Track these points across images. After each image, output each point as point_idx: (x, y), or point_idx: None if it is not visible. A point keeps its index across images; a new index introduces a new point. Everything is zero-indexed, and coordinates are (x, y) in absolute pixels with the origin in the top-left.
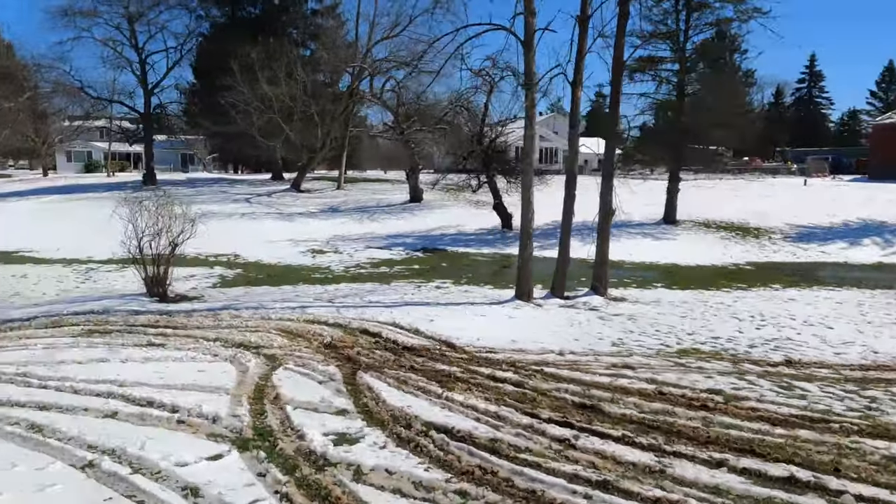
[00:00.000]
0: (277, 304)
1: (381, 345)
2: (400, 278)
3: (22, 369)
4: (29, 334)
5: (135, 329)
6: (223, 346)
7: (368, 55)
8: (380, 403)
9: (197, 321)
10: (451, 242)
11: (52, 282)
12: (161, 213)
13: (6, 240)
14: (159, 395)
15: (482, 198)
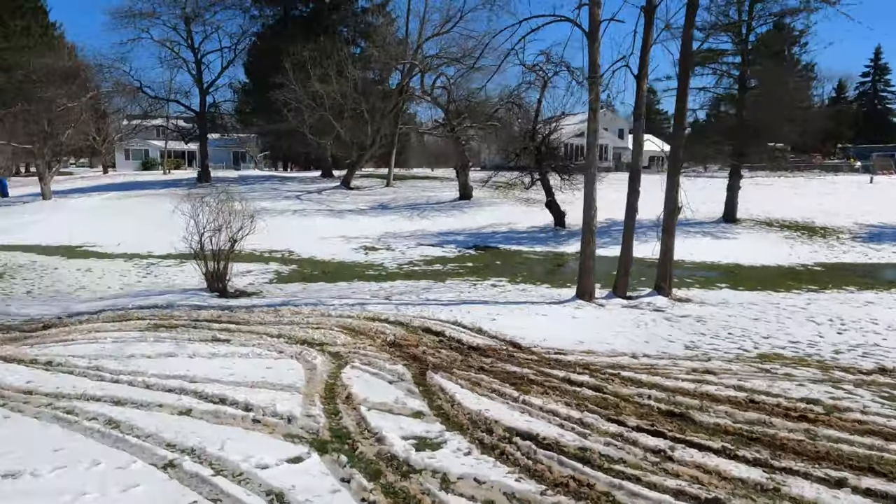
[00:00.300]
0: (335, 300)
1: (445, 344)
2: (454, 276)
3: (94, 363)
4: (97, 327)
5: (199, 324)
6: (287, 342)
7: (419, 52)
8: (455, 406)
9: (258, 317)
10: (503, 240)
11: (115, 276)
12: (221, 209)
13: (70, 235)
14: (231, 392)
15: (532, 195)
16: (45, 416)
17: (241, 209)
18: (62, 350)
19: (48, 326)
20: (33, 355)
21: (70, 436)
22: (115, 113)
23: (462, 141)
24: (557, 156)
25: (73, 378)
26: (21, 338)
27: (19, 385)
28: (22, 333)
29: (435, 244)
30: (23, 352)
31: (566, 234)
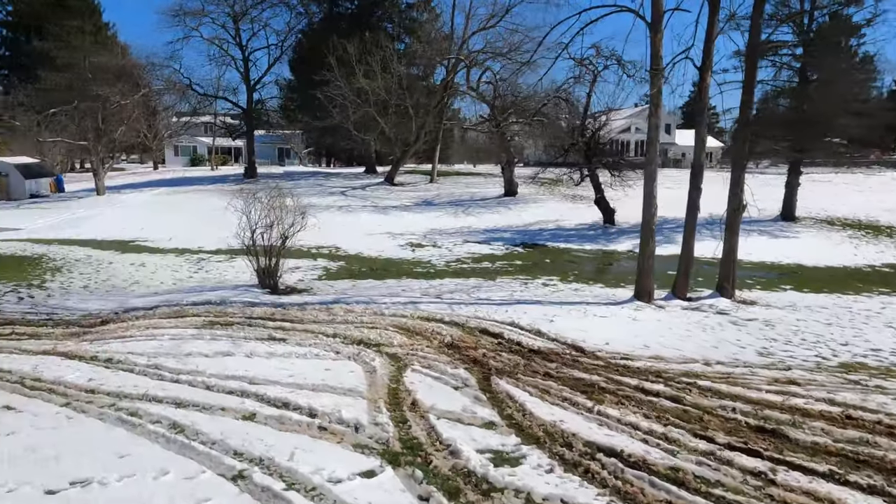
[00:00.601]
0: (387, 298)
1: (505, 346)
2: (504, 274)
3: (153, 360)
4: (154, 324)
5: (254, 322)
6: (343, 342)
7: (464, 47)
8: (527, 416)
9: (312, 315)
10: (550, 238)
11: (167, 271)
12: (273, 205)
13: (123, 230)
14: (294, 396)
15: (578, 192)
16: (109, 418)
17: (293, 205)
18: (121, 347)
19: (106, 322)
20: (93, 352)
21: (135, 440)
22: (164, 110)
23: (508, 137)
24: (608, 151)
25: (133, 377)
26: (80, 333)
27: (81, 383)
28: (81, 328)
29: (481, 241)
30: (83, 348)
31: (616, 231)
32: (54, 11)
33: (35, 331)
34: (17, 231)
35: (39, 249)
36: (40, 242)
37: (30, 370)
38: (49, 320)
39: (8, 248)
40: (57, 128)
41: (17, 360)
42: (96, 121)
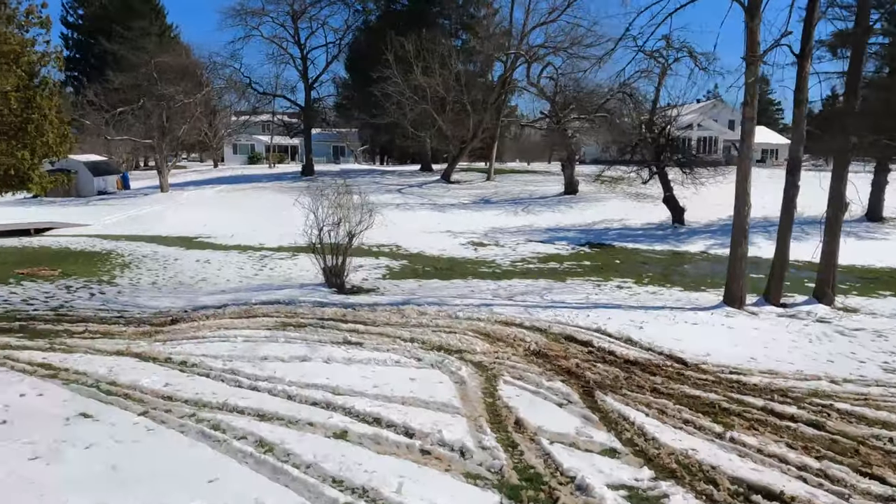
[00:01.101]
0: (457, 300)
1: (597, 356)
2: (573, 275)
3: (228, 365)
4: (225, 324)
5: (326, 324)
6: (422, 348)
7: (524, 41)
8: (650, 442)
9: (384, 317)
10: (617, 237)
11: (233, 268)
12: (340, 202)
13: (187, 226)
14: (385, 411)
15: (642, 190)
16: (191, 431)
17: (360, 203)
18: (194, 349)
19: (176, 320)
20: (167, 353)
21: (222, 460)
22: (224, 109)
23: (569, 133)
24: (678, 148)
25: (210, 382)
26: (152, 332)
27: (158, 388)
28: (152, 327)
29: (545, 241)
30: (156, 350)
31: (686, 231)
32: (122, 14)
33: (107, 329)
34: (86, 227)
35: (108, 245)
36: (108, 238)
37: (105, 373)
38: (120, 318)
39: (78, 243)
40: (124, 126)
41: (92, 361)
42: (161, 119)
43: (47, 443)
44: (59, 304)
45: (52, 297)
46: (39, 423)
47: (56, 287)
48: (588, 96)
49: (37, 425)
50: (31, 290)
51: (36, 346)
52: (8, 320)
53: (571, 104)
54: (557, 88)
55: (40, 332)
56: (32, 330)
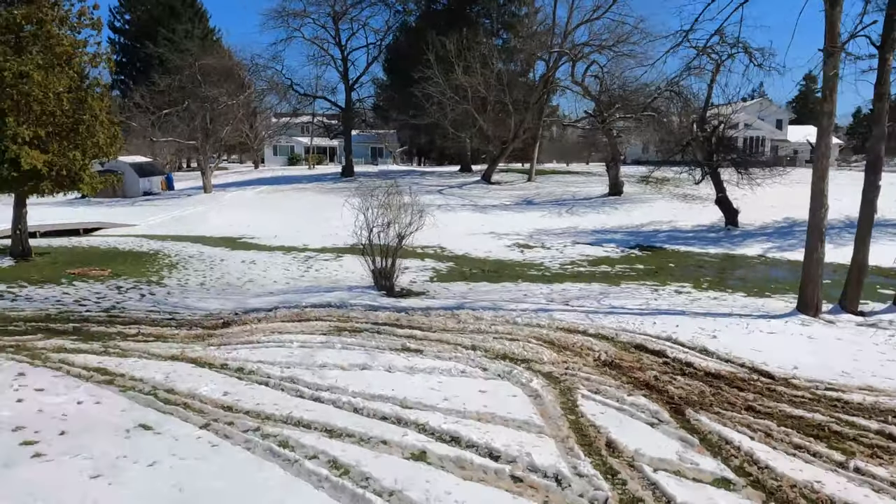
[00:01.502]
0: (512, 304)
1: (674, 368)
2: (628, 279)
3: (286, 372)
4: (278, 328)
5: (382, 329)
6: (486, 356)
7: (567, 39)
8: (765, 471)
9: (440, 322)
10: (667, 240)
11: (279, 269)
12: (390, 203)
13: (230, 227)
14: (462, 428)
15: (689, 191)
16: (258, 448)
17: (410, 203)
18: (250, 355)
19: (228, 323)
20: (223, 359)
21: (295, 484)
22: (265, 111)
23: (614, 133)
24: (733, 147)
25: (269, 392)
26: (205, 335)
27: (217, 398)
28: (205, 330)
29: (592, 243)
30: (212, 355)
31: (740, 234)
32: (166, 18)
33: (160, 332)
34: (133, 227)
35: (155, 245)
36: (155, 238)
37: (162, 379)
38: (172, 320)
39: (126, 243)
40: (168, 128)
41: (148, 366)
42: (205, 121)
43: (108, 458)
44: (110, 305)
45: (103, 297)
46: (99, 436)
47: (107, 287)
48: (634, 95)
49: (96, 438)
50: (83, 291)
51: (90, 350)
52: (62, 321)
53: (617, 103)
54: (603, 87)
55: (94, 335)
56: (86, 332)
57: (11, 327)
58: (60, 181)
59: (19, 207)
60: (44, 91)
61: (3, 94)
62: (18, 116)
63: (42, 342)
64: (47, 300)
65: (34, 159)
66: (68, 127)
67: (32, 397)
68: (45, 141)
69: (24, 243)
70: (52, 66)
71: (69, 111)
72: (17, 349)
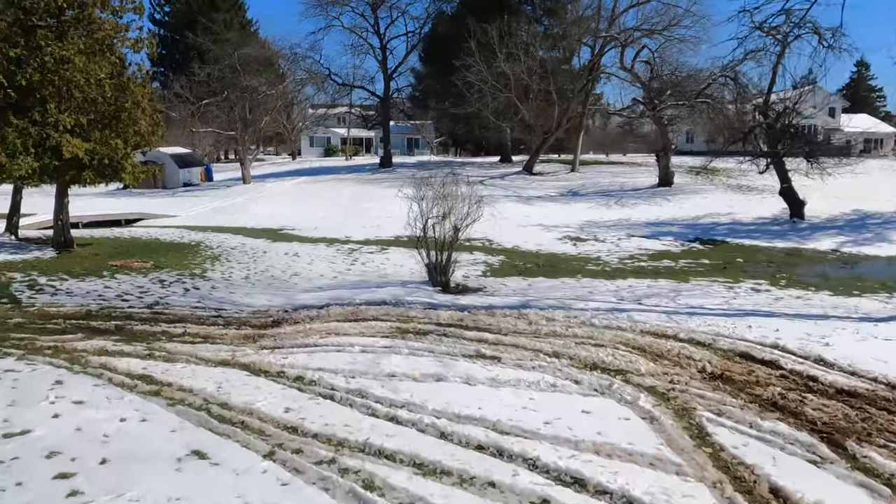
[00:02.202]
0: (579, 302)
1: (796, 383)
2: (696, 275)
3: (352, 383)
4: (333, 328)
5: (448, 331)
6: (573, 365)
7: (616, 23)
8: None
9: (508, 323)
10: (728, 233)
11: (324, 262)
12: (446, 193)
13: (271, 218)
14: (582, 465)
15: (744, 181)
16: (338, 490)
17: (468, 193)
18: (308, 360)
19: (278, 322)
20: (278, 366)
21: None
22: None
23: (665, 121)
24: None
25: (337, 408)
26: (255, 336)
27: (278, 415)
28: (254, 330)
29: (648, 235)
30: (266, 360)
31: (807, 226)
32: (205, 8)
33: (207, 331)
34: (173, 218)
35: (196, 237)
36: (195, 230)
37: (213, 390)
38: (218, 317)
39: (167, 234)
40: (208, 118)
41: (197, 373)
42: (244, 110)
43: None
44: (153, 301)
45: (146, 291)
46: (147, 467)
47: (150, 281)
48: (687, 81)
49: (144, 470)
50: (125, 284)
51: (134, 353)
52: (104, 318)
53: (668, 89)
54: (653, 73)
55: (137, 335)
56: (129, 331)
57: (51, 325)
58: (102, 170)
59: (61, 197)
60: (85, 77)
61: (44, 80)
62: (60, 103)
63: (83, 343)
64: (88, 295)
65: (76, 147)
66: (110, 114)
67: (70, 412)
68: (87, 129)
69: (66, 234)
70: (94, 52)
71: (111, 98)
72: (55, 351)
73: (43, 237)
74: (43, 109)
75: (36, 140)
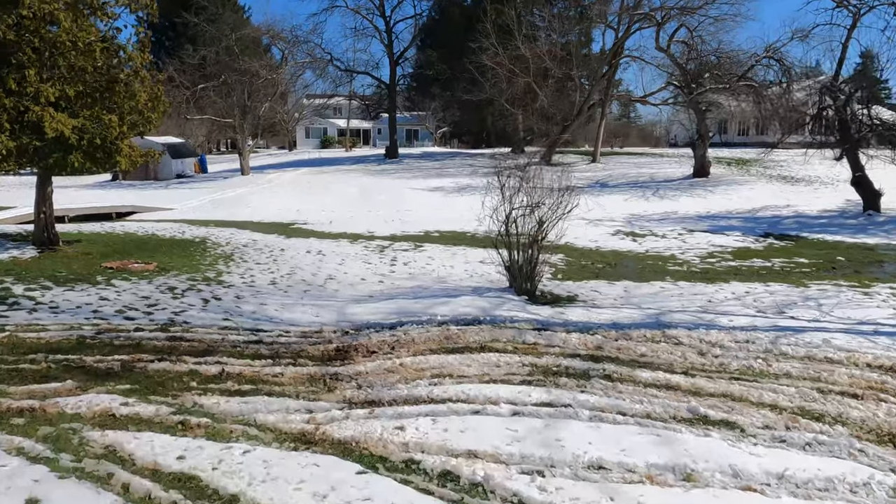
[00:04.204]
0: (721, 318)
1: None
2: (806, 277)
3: (546, 487)
4: (433, 363)
5: (606, 370)
6: (866, 439)
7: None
8: None
9: (669, 353)
10: (799, 227)
11: (357, 262)
12: (534, 181)
13: (278, 211)
14: None
15: (786, 172)
16: None
17: (560, 182)
18: (442, 436)
19: (345, 351)
20: (399, 445)
21: None
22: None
23: (703, 107)
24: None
25: None
26: (324, 377)
27: None
28: (318, 366)
29: (710, 230)
30: (374, 436)
31: (885, 220)
32: None
33: (254, 370)
34: (169, 211)
35: (199, 232)
36: (196, 224)
37: None
38: (259, 342)
39: (166, 229)
40: (203, 105)
41: (273, 466)
42: (243, 96)
43: None
44: (167, 319)
45: (155, 304)
46: None
47: (156, 288)
48: (728, 62)
49: None
50: (127, 294)
51: (157, 419)
52: (103, 350)
53: (706, 72)
54: (691, 54)
55: (156, 379)
56: (143, 374)
57: (26, 364)
58: (93, 153)
59: (44, 186)
60: (72, 39)
61: (22, 42)
62: (41, 71)
63: (74, 399)
64: (80, 310)
65: (61, 124)
66: (102, 86)
67: None
68: (74, 102)
69: (50, 229)
70: (83, 10)
71: (102, 68)
72: (30, 421)
73: (23, 233)
74: (20, 77)
75: (12, 114)
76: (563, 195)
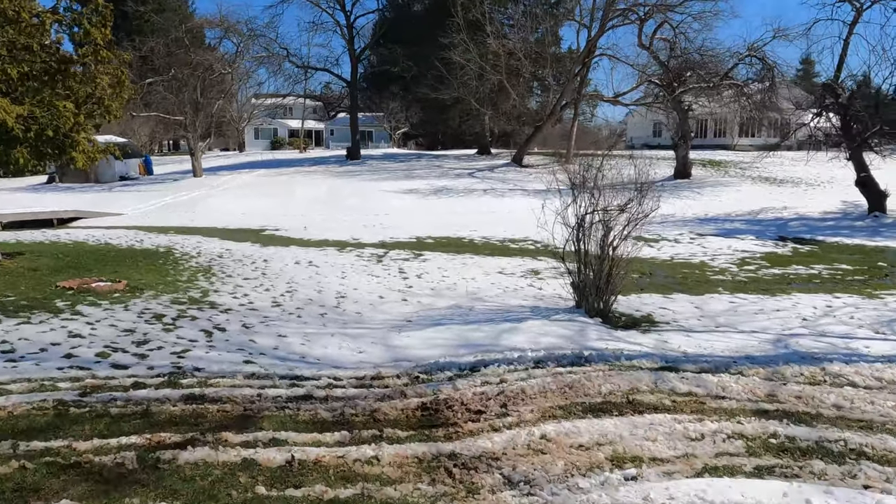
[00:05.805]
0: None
1: None
2: (867, 287)
3: None
4: (597, 440)
5: (827, 444)
6: None
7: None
8: None
9: (869, 404)
10: (808, 230)
11: (361, 276)
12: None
13: (243, 216)
14: None
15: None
16: None
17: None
18: None
19: (433, 410)
20: None
21: None
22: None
23: (685, 107)
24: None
25: None
26: (435, 460)
27: None
28: (419, 441)
29: (720, 234)
30: None
31: (893, 222)
32: None
33: (337, 459)
34: (118, 216)
35: (159, 240)
36: (154, 231)
37: None
38: (309, 398)
39: (120, 238)
40: (150, 101)
41: None
42: (195, 92)
43: None
44: (170, 365)
45: (144, 341)
46: None
47: (138, 316)
48: (712, 61)
49: None
50: (103, 326)
51: None
52: (97, 426)
53: (689, 71)
54: (673, 52)
55: (200, 484)
56: (175, 475)
57: None
58: (41, 148)
59: None
60: (16, 9)
61: None
62: None
63: None
64: (46, 355)
65: (3, 112)
66: (54, 67)
67: None
68: (20, 86)
69: None
70: None
71: (51, 47)
72: None
73: None
74: None
75: None
76: (643, 193)
